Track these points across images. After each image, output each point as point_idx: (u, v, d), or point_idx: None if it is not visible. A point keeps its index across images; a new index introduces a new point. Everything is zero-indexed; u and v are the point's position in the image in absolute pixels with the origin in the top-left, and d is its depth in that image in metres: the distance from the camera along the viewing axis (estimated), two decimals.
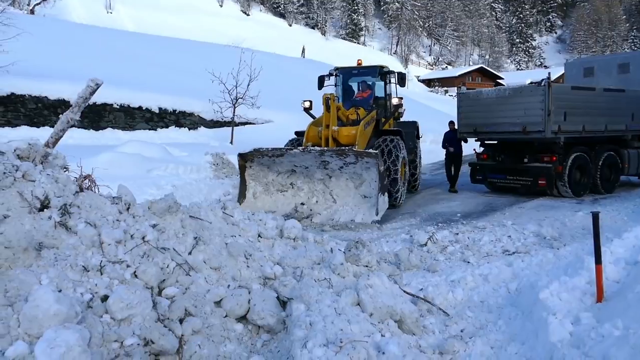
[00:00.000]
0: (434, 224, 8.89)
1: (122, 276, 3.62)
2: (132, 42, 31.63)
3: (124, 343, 3.04)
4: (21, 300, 3.08)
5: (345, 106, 11.70)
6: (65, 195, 4.08)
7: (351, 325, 3.39)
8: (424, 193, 12.92)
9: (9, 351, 2.74)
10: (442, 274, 5.60)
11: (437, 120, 34.19)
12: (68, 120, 4.68)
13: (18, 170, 4.01)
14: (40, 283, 3.28)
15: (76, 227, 3.87)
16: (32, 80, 16.84)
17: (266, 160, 9.60)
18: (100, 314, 3.20)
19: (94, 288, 3.41)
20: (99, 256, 3.72)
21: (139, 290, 3.32)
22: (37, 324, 2.85)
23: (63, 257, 3.60)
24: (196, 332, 3.41)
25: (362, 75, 12.49)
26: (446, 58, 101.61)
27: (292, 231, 5.07)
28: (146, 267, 3.70)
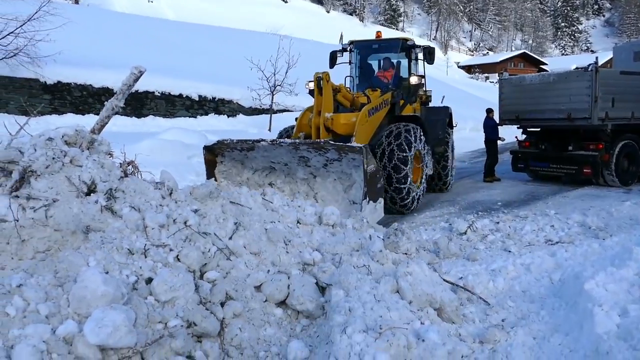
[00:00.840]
0: (474, 212, 8.75)
1: (165, 259, 3.71)
2: (173, 30, 32.07)
3: (167, 324, 3.12)
4: (70, 281, 3.20)
5: (361, 88, 10.28)
6: (110, 180, 4.20)
7: (390, 312, 3.38)
8: (463, 181, 12.73)
9: (59, 329, 2.84)
10: (482, 262, 5.51)
11: (477, 107, 33.53)
12: (113, 107, 4.80)
13: (66, 156, 4.14)
14: (88, 265, 3.39)
15: (121, 211, 3.98)
16: (77, 69, 17.32)
17: (238, 155, 7.82)
18: (144, 296, 3.29)
19: (138, 270, 3.50)
20: (143, 240, 3.81)
21: (181, 274, 3.39)
22: (85, 304, 2.96)
23: (109, 240, 3.71)
24: (237, 315, 3.46)
25: (382, 51, 10.67)
26: (487, 43, 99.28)
27: (331, 218, 5.07)
28: (188, 251, 3.78)
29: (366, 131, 8.63)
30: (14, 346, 2.68)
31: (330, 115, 8.26)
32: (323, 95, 8.32)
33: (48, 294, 3.13)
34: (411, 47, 10.35)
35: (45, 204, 3.85)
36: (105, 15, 32.41)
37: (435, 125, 10.52)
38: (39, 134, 4.39)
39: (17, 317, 2.91)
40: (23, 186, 3.96)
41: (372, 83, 10.30)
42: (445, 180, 11.00)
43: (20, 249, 3.74)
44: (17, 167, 4.03)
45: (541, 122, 11.95)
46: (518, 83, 12.51)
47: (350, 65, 10.75)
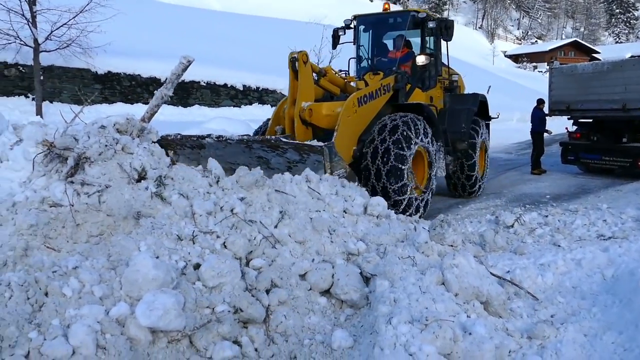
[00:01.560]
0: (521, 205, 8.55)
1: (213, 246, 3.78)
2: (218, 20, 32.49)
3: (215, 309, 3.19)
4: (122, 265, 3.31)
5: (360, 72, 8.86)
6: (160, 168, 4.29)
7: (436, 304, 3.35)
8: (510, 173, 12.45)
9: (113, 311, 2.96)
10: (530, 257, 5.37)
11: (524, 98, 32.64)
12: (162, 96, 4.91)
13: (118, 143, 4.26)
14: (139, 249, 3.49)
15: (170, 198, 4.07)
16: (127, 59, 17.77)
17: (190, 153, 6.39)
18: (193, 281, 3.37)
19: (187, 256, 3.58)
20: (191, 226, 3.89)
21: (228, 260, 3.45)
22: (137, 287, 3.06)
23: (159, 226, 3.80)
24: (282, 303, 3.50)
25: (391, 27, 8.99)
26: (536, 32, 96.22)
27: (376, 208, 5.05)
28: (235, 239, 3.84)
29: (355, 124, 7.07)
30: (70, 325, 2.79)
31: (308, 104, 6.91)
32: (299, 80, 6.94)
33: (102, 276, 3.24)
34: (424, 20, 8.56)
35: (98, 189, 3.98)
36: (154, 7, 33.05)
37: (458, 116, 8.89)
38: (92, 122, 4.54)
39: (73, 297, 3.03)
40: (77, 172, 4.10)
41: (377, 65, 8.83)
42: (470, 183, 9.17)
43: (75, 232, 3.88)
44: (72, 154, 4.17)
45: (593, 112, 11.53)
46: (570, 72, 12.09)
47: (355, 45, 9.29)
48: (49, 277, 3.11)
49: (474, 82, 26.01)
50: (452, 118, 8.80)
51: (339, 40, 9.26)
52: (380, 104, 7.62)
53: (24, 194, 4.09)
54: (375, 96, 7.45)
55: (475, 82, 26.93)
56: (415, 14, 8.62)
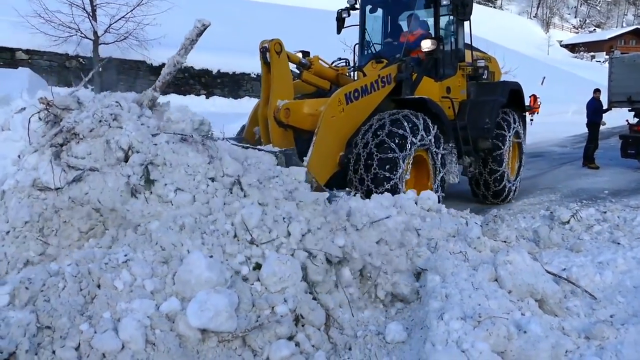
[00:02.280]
0: (577, 200, 8.28)
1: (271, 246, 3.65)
2: (269, 13, 32.72)
3: (274, 310, 3.09)
4: (176, 259, 3.18)
5: (363, 60, 7.83)
6: (147, 149, 3.75)
7: (489, 300, 3.30)
8: (565, 167, 12.06)
9: (163, 306, 2.88)
10: (587, 254, 5.20)
11: (581, 89, 31.42)
12: (174, 63, 4.48)
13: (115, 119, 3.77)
14: (192, 247, 3.37)
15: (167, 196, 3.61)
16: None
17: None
18: (251, 282, 3.25)
19: (245, 255, 3.41)
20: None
21: (289, 261, 3.28)
22: (189, 287, 2.95)
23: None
24: (342, 305, 3.45)
25: (400, 5, 7.91)
26: (594, 20, 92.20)
27: (426, 202, 5.00)
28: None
29: (341, 126, 6.03)
30: (121, 319, 2.75)
31: (284, 103, 5.80)
32: (272, 73, 5.90)
33: (154, 270, 3.11)
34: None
35: (79, 175, 3.48)
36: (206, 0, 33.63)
37: (481, 109, 7.65)
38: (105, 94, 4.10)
39: (124, 290, 2.95)
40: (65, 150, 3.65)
41: (381, 52, 7.76)
42: (496, 188, 8.02)
43: (64, 230, 3.51)
44: (63, 123, 3.71)
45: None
46: (631, 62, 11.58)
47: (361, 29, 8.17)
48: (101, 269, 3.02)
49: (527, 73, 25.27)
50: (474, 111, 7.62)
51: (343, 24, 8.21)
52: (378, 99, 6.56)
53: (15, 177, 3.63)
54: (370, 90, 6.38)
55: (528, 73, 26.17)
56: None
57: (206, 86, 18.39)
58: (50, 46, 14.75)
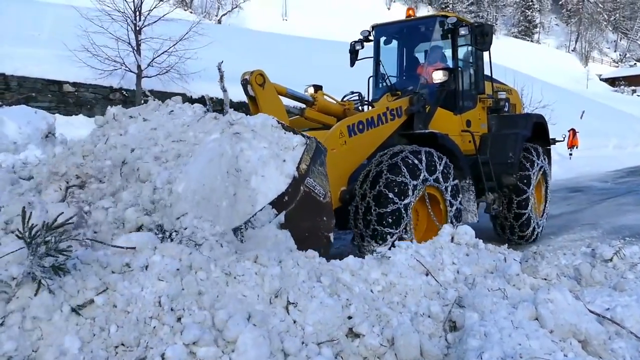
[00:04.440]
0: (620, 237, 8.02)
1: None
2: (304, 46, 33.40)
3: None
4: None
5: (378, 92, 7.56)
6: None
7: (530, 340, 3.21)
8: (606, 203, 11.73)
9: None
10: (632, 293, 5.00)
11: (622, 123, 30.68)
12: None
13: None
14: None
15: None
16: (218, 85, 18.65)
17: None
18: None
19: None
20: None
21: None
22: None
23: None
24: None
25: (415, 36, 7.64)
26: (635, 54, 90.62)
27: (463, 237, 4.94)
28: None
29: (343, 160, 5.61)
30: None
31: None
32: (260, 106, 5.56)
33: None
34: (454, 26, 6.94)
35: None
36: (244, 34, 34.61)
37: (504, 143, 7.38)
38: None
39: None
40: None
41: (397, 84, 7.45)
42: (520, 225, 7.58)
43: None
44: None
45: None
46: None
47: (375, 61, 7.96)
48: None
49: (566, 107, 24.93)
50: (496, 145, 7.35)
51: (357, 57, 8.00)
52: (386, 132, 6.23)
53: None
54: (376, 123, 6.04)
55: (567, 107, 25.79)
56: (444, 19, 7.09)
57: None
58: (96, 79, 15.34)
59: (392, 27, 7.78)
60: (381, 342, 3.26)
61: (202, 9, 55.39)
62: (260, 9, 65.92)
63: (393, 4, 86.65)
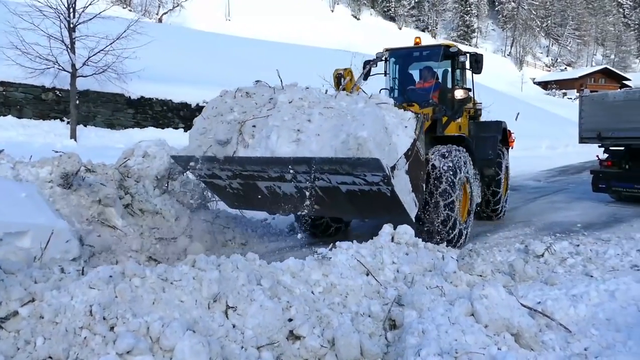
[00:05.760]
0: (551, 234, 8.39)
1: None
2: (247, 47, 33.12)
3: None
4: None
5: (397, 101, 8.34)
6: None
7: (465, 335, 3.30)
8: (539, 202, 12.25)
9: None
10: (561, 287, 5.25)
11: (554, 125, 32.22)
12: None
13: None
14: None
15: None
16: (159, 85, 18.24)
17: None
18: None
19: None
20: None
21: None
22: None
23: None
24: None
25: (422, 59, 9.26)
26: (565, 59, 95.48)
27: (403, 237, 5.03)
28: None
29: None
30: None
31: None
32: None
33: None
34: (455, 54, 8.79)
35: None
36: (185, 34, 34.02)
37: (484, 144, 9.12)
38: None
39: None
40: None
41: (409, 96, 8.74)
42: (496, 207, 9.70)
43: None
44: None
45: (625, 140, 11.32)
46: (600, 100, 11.94)
47: (386, 77, 9.30)
48: None
49: (503, 109, 25.88)
50: (478, 145, 8.83)
51: (370, 72, 9.17)
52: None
53: None
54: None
55: (503, 109, 26.78)
56: (447, 48, 8.73)
57: (185, 119, 18.37)
58: (26, 78, 14.65)
59: (404, 51, 9.37)
60: (322, 343, 3.27)
61: (141, 7, 53.93)
62: (202, 8, 64.97)
63: (337, 6, 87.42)
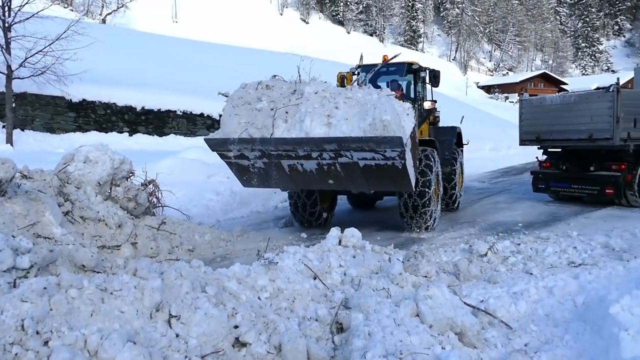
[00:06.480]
0: (494, 233, 8.65)
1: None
2: (195, 50, 32.64)
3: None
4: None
5: None
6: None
7: (411, 336, 3.35)
8: (483, 202, 12.60)
9: None
10: (503, 285, 5.43)
11: (497, 127, 33.30)
12: None
13: None
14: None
15: None
16: (102, 88, 17.68)
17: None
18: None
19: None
20: None
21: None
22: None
23: None
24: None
25: (389, 73, 10.71)
26: (507, 64, 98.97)
27: (350, 240, 5.06)
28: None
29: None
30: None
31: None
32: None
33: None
34: (417, 70, 10.28)
35: None
36: (130, 35, 33.12)
37: (442, 146, 10.54)
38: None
39: None
40: None
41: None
42: (453, 199, 11.10)
43: None
44: None
45: (562, 142, 11.81)
46: (538, 104, 12.41)
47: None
48: None
49: (448, 113, 26.47)
50: (438, 147, 10.02)
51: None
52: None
53: None
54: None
55: (449, 112, 27.43)
56: (410, 65, 10.28)
57: (129, 123, 17.90)
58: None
59: (373, 67, 10.24)
60: (268, 349, 3.24)
61: (84, 7, 52.13)
62: (148, 9, 63.54)
63: (285, 9, 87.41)
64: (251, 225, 9.57)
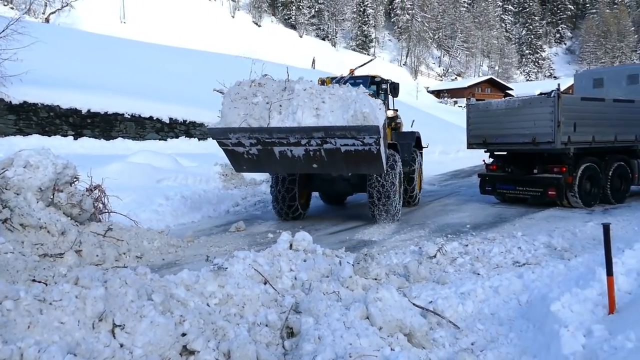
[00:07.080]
0: (443, 235, 8.83)
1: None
2: (144, 52, 31.89)
3: None
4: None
5: None
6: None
7: (360, 339, 3.36)
8: (433, 205, 12.86)
9: None
10: (451, 286, 5.55)
11: (446, 131, 34.07)
12: None
13: None
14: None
15: None
16: (45, 89, 17.01)
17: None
18: None
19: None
20: None
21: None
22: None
23: None
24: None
25: (355, 85, 11.57)
26: (456, 69, 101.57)
27: (301, 244, 5.05)
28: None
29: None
30: None
31: None
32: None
33: None
34: (379, 82, 11.68)
35: None
36: (76, 35, 32.06)
37: (403, 149, 11.67)
38: None
39: None
40: None
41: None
42: (412, 195, 12.25)
43: None
44: None
45: (507, 146, 12.21)
46: (485, 108, 12.78)
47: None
48: None
49: (400, 117, 26.88)
50: (399, 150, 11.23)
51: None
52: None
53: None
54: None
55: (401, 116, 27.94)
56: (373, 78, 11.65)
57: (74, 126, 17.29)
58: None
59: (339, 79, 11.35)
60: (217, 356, 3.19)
61: (25, 5, 50.01)
62: (95, 9, 61.71)
63: (237, 12, 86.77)
64: (202, 230, 9.42)
